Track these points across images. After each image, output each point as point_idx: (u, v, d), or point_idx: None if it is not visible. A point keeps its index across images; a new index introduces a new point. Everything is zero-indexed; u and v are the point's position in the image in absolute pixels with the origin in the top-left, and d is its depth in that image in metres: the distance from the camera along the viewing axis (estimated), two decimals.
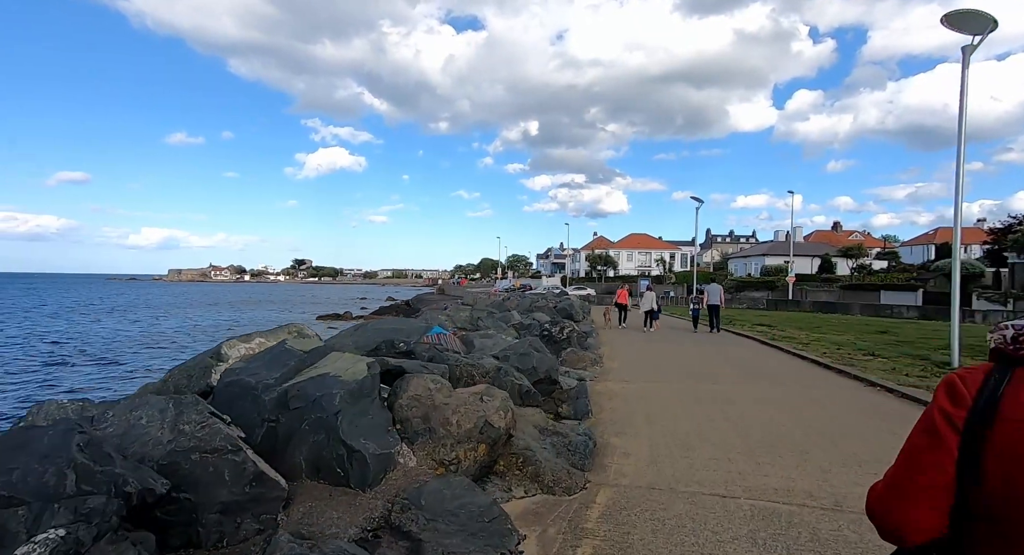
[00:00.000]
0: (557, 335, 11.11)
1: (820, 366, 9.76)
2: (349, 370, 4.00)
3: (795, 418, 5.92)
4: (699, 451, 4.75)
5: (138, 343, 22.83)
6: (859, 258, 48.17)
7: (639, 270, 77.21)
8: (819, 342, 13.49)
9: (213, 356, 5.15)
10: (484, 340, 9.04)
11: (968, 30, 9.04)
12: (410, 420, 3.87)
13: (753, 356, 11.34)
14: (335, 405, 3.52)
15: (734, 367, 9.70)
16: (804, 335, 15.53)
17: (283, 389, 3.69)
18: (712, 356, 11.25)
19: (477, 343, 8.85)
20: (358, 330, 8.55)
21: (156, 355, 19.04)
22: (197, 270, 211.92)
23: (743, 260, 66.88)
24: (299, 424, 3.52)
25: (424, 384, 4.12)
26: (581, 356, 9.92)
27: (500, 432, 4.09)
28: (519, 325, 12.81)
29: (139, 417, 2.80)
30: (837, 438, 5.15)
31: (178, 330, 30.08)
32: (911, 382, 7.73)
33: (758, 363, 10.28)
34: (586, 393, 6.78)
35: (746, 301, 40.27)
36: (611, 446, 4.94)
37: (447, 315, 12.95)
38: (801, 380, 8.43)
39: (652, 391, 7.50)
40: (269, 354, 4.25)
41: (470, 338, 9.09)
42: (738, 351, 12.26)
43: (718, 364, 10.07)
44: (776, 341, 13.71)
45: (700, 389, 7.59)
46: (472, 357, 6.34)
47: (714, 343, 13.96)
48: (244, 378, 3.78)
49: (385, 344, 6.71)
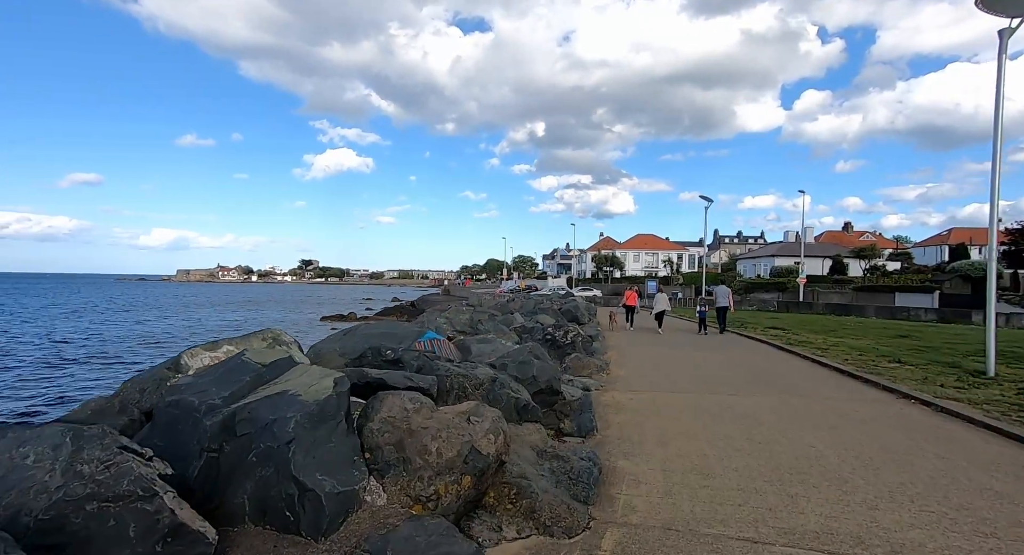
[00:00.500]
0: (561, 340, 10.50)
1: (844, 375, 9.08)
2: (312, 387, 3.43)
3: (826, 438, 5.28)
4: (720, 479, 4.13)
5: (119, 344, 22.45)
6: (872, 259, 47.10)
7: (646, 271, 76.34)
8: (838, 347, 12.78)
9: (171, 367, 4.59)
10: (482, 346, 8.45)
11: (1006, 11, 8.35)
12: (381, 448, 3.28)
13: (769, 363, 10.67)
14: (288, 432, 2.95)
15: (751, 375, 9.05)
16: (821, 339, 14.80)
17: (231, 411, 3.11)
18: (726, 362, 10.59)
19: (474, 349, 8.26)
20: (346, 335, 8.00)
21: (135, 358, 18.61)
22: (205, 271, 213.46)
23: (752, 261, 65.88)
24: (245, 455, 2.94)
25: (400, 404, 3.53)
26: (586, 362, 9.31)
27: (489, 460, 3.50)
28: (521, 328, 12.22)
29: (25, 455, 2.23)
30: (878, 464, 4.50)
31: (164, 331, 29.74)
32: (948, 394, 7.04)
33: (776, 371, 9.61)
34: (591, 406, 6.17)
35: (756, 303, 39.42)
36: (619, 471, 4.33)
37: (446, 318, 12.38)
38: (825, 391, 7.77)
39: (663, 403, 6.87)
40: (223, 367, 3.68)
41: (467, 343, 8.51)
42: (752, 357, 11.59)
43: (733, 372, 9.42)
44: (792, 346, 13.02)
45: (716, 401, 6.95)
46: (466, 366, 5.75)
47: (726, 348, 13.29)
48: (187, 397, 3.21)
49: (371, 351, 6.14)
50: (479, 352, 8.24)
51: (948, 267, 47.12)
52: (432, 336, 7.55)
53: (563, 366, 9.54)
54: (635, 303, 19.55)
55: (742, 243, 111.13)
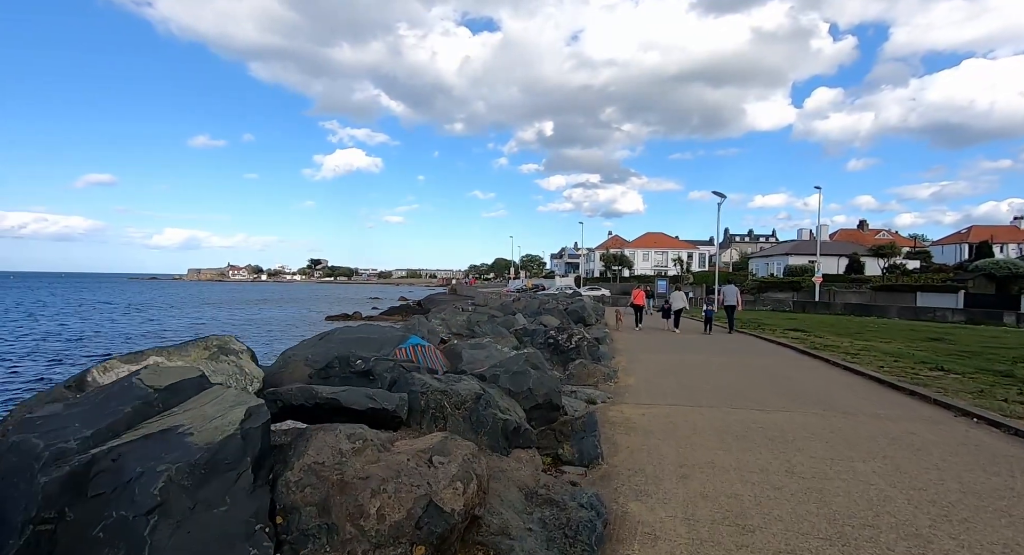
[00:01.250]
0: (564, 344, 9.56)
1: (885, 386, 8.05)
2: (214, 421, 2.53)
3: (885, 472, 4.30)
4: (762, 534, 3.18)
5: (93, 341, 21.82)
6: (891, 258, 45.55)
7: (655, 270, 75.05)
8: (868, 352, 11.72)
9: (72, 385, 3.73)
10: (475, 352, 7.54)
11: None
12: (299, 510, 2.37)
13: (797, 370, 9.65)
14: (152, 494, 2.05)
15: (778, 386, 8.05)
16: (847, 343, 13.73)
17: (87, 459, 2.22)
18: (747, 369, 9.59)
19: (466, 355, 7.36)
20: (323, 339, 7.15)
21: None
22: (216, 270, 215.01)
23: (765, 259, 64.39)
24: (91, 527, 2.05)
25: (332, 443, 2.62)
26: (591, 370, 8.37)
27: (455, 519, 2.58)
28: (522, 331, 11.30)
29: None
30: (964, 512, 3.52)
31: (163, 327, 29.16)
32: (1018, 413, 6.01)
33: (806, 380, 8.60)
34: (595, 427, 5.23)
35: (770, 303, 38.15)
36: (629, 519, 3.39)
37: (442, 319, 11.50)
38: (868, 406, 6.76)
39: (680, 420, 5.91)
40: (103, 393, 2.79)
41: (458, 349, 7.60)
42: (776, 363, 10.57)
43: (757, 381, 8.43)
44: (818, 350, 11.97)
45: (742, 419, 5.98)
46: (447, 380, 4.84)
47: (745, 352, 12.28)
48: (30, 439, 2.32)
49: (339, 361, 5.25)
50: (471, 359, 7.34)
51: (971, 266, 45.47)
52: (416, 342, 6.65)
53: (566, 373, 8.61)
54: (643, 302, 18.96)
55: (753, 242, 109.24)
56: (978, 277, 42.08)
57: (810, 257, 51.24)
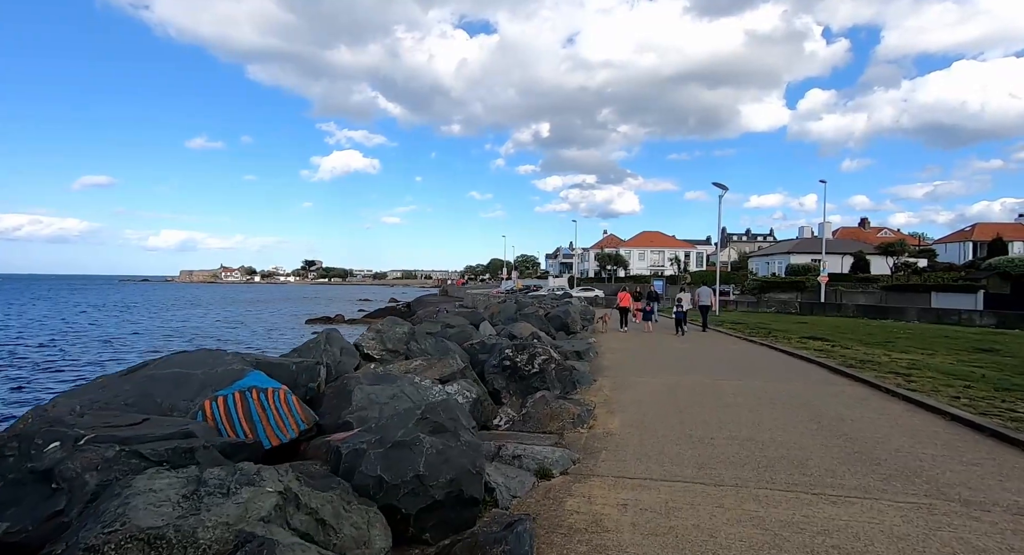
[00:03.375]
0: (524, 368, 7.01)
1: (986, 434, 5.51)
2: None
3: None
4: None
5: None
6: (901, 255, 43.17)
7: (651, 270, 72.59)
8: (919, 370, 9.21)
9: None
10: (376, 389, 5.00)
11: None
12: None
13: (844, 404, 7.11)
14: None
15: (832, 437, 5.51)
16: (883, 355, 11.23)
17: None
18: (776, 403, 7.07)
19: (358, 397, 4.86)
20: (127, 375, 4.63)
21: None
22: (208, 271, 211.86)
23: (765, 258, 61.98)
24: None
25: None
26: (557, 409, 5.82)
27: None
28: (479, 346, 8.75)
29: None
30: None
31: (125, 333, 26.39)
32: None
33: (868, 425, 6.04)
34: (531, 550, 2.71)
35: (775, 304, 35.65)
36: None
37: (377, 331, 8.95)
38: (992, 484, 4.25)
39: (691, 523, 3.37)
40: None
41: (350, 386, 5.06)
42: (810, 390, 8.06)
43: (798, 425, 5.90)
44: (853, 368, 9.45)
45: (798, 518, 3.45)
46: (207, 506, 2.30)
47: (764, 371, 9.75)
48: None
49: (20, 443, 2.71)
50: (364, 403, 4.81)
51: (984, 264, 43.22)
52: (255, 383, 4.08)
53: (522, 412, 6.07)
54: (629, 304, 18.54)
55: (751, 241, 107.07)
56: (992, 276, 39.81)
57: (813, 255, 48.84)
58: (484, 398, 6.11)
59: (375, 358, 8.52)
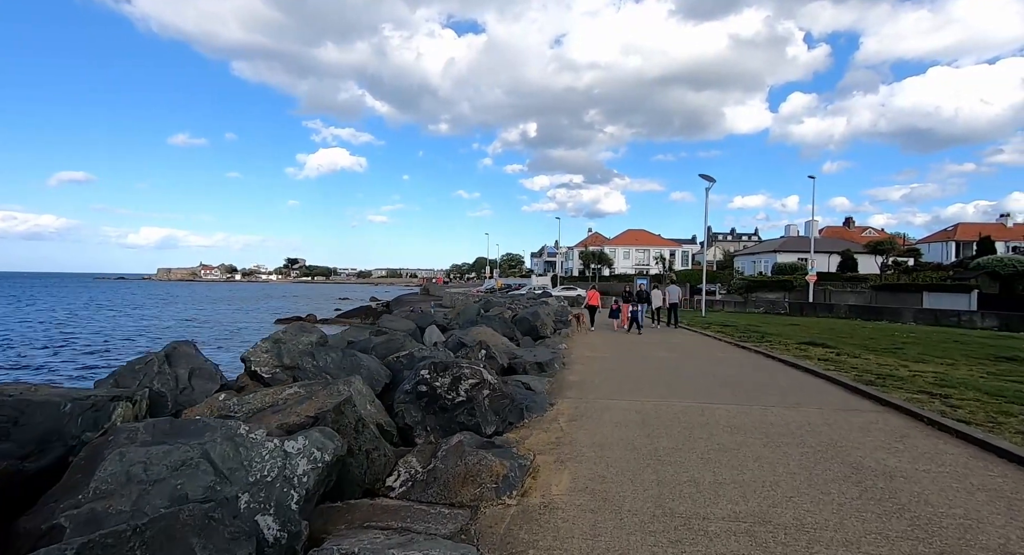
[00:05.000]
0: (446, 396, 5.05)
1: None
2: None
3: None
4: None
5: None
6: (891, 254, 42.09)
7: (636, 269, 71.12)
8: (954, 388, 7.45)
9: None
10: (160, 452, 3.00)
11: None
12: None
13: (881, 445, 5.28)
14: None
15: (891, 516, 3.67)
16: (899, 367, 9.51)
17: None
18: (789, 448, 5.23)
19: (111, 467, 2.85)
20: None
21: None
22: (187, 269, 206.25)
23: (751, 257, 60.81)
24: None
25: None
26: (473, 467, 3.88)
27: None
28: (404, 360, 6.77)
29: None
30: None
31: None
32: None
33: (930, 487, 4.23)
34: None
35: (763, 304, 34.18)
36: None
37: (274, 342, 6.94)
38: None
39: None
40: None
41: (105, 448, 3.06)
42: (832, 423, 6.22)
43: (830, 487, 4.05)
44: (874, 386, 7.68)
45: None
46: None
47: (764, 392, 7.92)
48: None
49: None
50: (106, 485, 2.82)
51: (972, 263, 42.35)
52: None
53: (427, 467, 4.11)
54: (598, 303, 19.09)
55: (736, 241, 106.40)
56: (980, 275, 38.90)
57: (800, 254, 47.66)
58: (373, 448, 4.13)
59: (263, 378, 6.51)
